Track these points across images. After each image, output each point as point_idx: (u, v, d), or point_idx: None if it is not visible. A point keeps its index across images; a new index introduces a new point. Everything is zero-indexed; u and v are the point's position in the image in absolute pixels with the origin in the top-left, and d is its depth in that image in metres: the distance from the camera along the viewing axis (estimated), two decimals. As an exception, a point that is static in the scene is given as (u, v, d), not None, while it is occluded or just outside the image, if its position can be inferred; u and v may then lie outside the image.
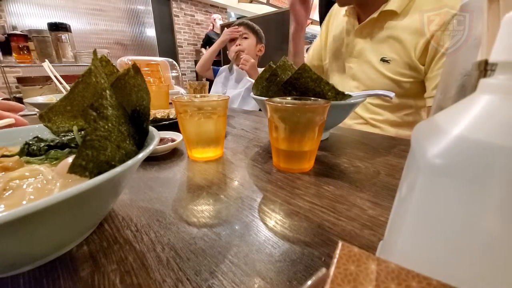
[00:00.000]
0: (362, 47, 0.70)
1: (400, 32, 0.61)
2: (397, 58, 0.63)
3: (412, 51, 0.60)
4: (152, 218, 0.25)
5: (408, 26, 0.61)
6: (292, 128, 0.33)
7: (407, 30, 0.60)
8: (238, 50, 1.21)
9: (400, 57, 0.62)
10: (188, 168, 0.37)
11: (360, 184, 0.31)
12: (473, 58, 0.17)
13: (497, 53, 0.10)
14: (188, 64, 4.70)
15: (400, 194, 0.14)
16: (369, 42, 0.68)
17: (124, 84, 0.24)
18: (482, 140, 0.09)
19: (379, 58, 0.66)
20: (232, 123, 0.66)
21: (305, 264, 0.19)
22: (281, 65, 0.46)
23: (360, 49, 0.70)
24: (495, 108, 0.10)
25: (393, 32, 0.63)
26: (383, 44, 0.65)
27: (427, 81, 0.62)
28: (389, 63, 0.64)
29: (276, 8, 3.69)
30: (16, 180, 0.20)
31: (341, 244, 0.09)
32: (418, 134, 0.12)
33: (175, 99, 0.38)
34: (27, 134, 0.29)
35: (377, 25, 0.66)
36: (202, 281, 0.18)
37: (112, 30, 3.48)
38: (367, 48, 0.68)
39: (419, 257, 0.11)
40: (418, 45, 0.59)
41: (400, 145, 0.46)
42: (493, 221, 0.09)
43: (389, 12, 0.62)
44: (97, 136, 0.18)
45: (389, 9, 0.62)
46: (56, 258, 0.20)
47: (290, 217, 0.25)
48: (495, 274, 0.09)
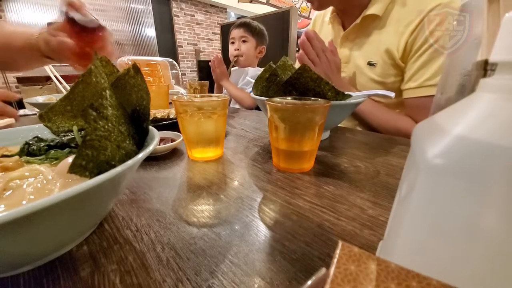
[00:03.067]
0: (349, 53, 0.71)
1: (383, 35, 0.63)
2: (381, 61, 0.64)
3: (395, 51, 0.62)
4: (152, 218, 0.25)
5: (390, 28, 0.62)
6: (292, 128, 0.33)
7: (389, 32, 0.62)
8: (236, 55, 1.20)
9: (383, 60, 0.64)
10: (188, 168, 0.37)
11: (360, 184, 0.31)
12: (473, 58, 0.17)
13: (497, 53, 0.10)
14: (188, 64, 4.70)
15: (400, 194, 0.14)
16: (356, 47, 0.70)
17: (124, 84, 0.24)
18: (482, 140, 0.09)
19: (366, 62, 0.67)
20: (232, 123, 0.66)
21: (305, 264, 0.19)
22: (281, 65, 0.46)
23: (348, 55, 0.72)
24: (495, 108, 0.10)
25: (377, 35, 0.65)
26: (369, 48, 0.67)
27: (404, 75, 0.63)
28: (375, 66, 0.66)
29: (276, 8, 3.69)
30: (16, 180, 0.20)
31: (341, 244, 0.09)
32: (418, 134, 0.12)
33: (175, 99, 0.38)
34: (27, 134, 0.29)
35: (361, 30, 0.68)
36: (202, 281, 0.18)
37: (112, 30, 3.46)
38: (354, 53, 0.70)
39: (419, 257, 0.11)
40: (400, 45, 0.61)
41: (400, 145, 0.46)
42: (493, 221, 0.09)
43: (371, 16, 0.64)
44: (97, 136, 0.18)
45: (370, 13, 0.63)
46: (56, 258, 0.20)
47: (290, 217, 0.25)
48: (495, 274, 0.09)
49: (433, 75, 0.59)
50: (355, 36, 0.70)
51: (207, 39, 4.87)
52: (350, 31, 0.69)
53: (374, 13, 0.63)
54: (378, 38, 0.65)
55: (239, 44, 1.20)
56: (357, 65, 0.70)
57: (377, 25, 0.64)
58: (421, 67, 0.59)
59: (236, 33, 1.20)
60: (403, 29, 0.60)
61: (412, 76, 0.61)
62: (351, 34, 0.70)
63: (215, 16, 4.82)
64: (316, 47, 0.62)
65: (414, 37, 0.59)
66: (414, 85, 0.61)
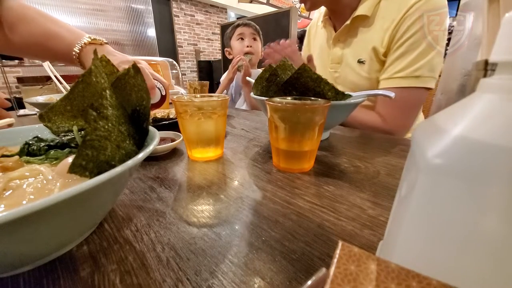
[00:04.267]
0: (342, 53, 0.74)
1: (370, 32, 0.66)
2: (369, 58, 0.67)
3: (380, 47, 0.64)
4: (152, 218, 0.25)
5: (376, 26, 0.65)
6: (292, 128, 0.33)
7: (376, 29, 0.65)
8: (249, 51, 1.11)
9: (371, 57, 0.66)
10: (188, 168, 0.37)
11: (360, 184, 0.31)
12: (473, 58, 0.17)
13: (497, 53, 0.10)
14: (188, 64, 4.70)
15: (400, 194, 0.14)
16: (347, 47, 0.73)
17: (124, 84, 0.24)
18: (482, 140, 0.09)
19: (357, 60, 0.70)
20: (232, 123, 0.66)
21: (305, 264, 0.19)
22: (281, 65, 0.46)
23: (340, 55, 0.74)
24: (495, 108, 0.10)
25: (365, 34, 0.68)
26: (358, 47, 0.70)
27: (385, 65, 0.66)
28: (364, 63, 0.68)
29: (276, 8, 3.69)
30: (16, 180, 0.20)
31: (341, 244, 0.09)
32: (418, 134, 0.12)
33: (175, 99, 0.38)
34: (27, 134, 0.29)
35: (352, 30, 0.70)
36: (202, 281, 0.18)
37: (112, 29, 3.48)
38: (346, 53, 0.73)
39: (419, 257, 0.11)
40: (384, 41, 0.63)
41: (400, 145, 0.46)
42: (493, 221, 0.09)
43: (360, 17, 0.66)
44: (97, 136, 0.18)
45: (360, 14, 0.66)
46: (56, 258, 0.20)
47: (290, 217, 0.25)
48: (495, 274, 0.09)
49: (404, 67, 0.61)
50: (346, 36, 0.72)
51: (207, 39, 4.87)
52: (341, 32, 0.72)
53: (364, 14, 0.65)
54: (366, 36, 0.67)
55: (250, 41, 1.14)
56: (349, 64, 0.72)
57: (366, 24, 0.67)
58: (395, 59, 0.62)
59: (246, 29, 1.15)
60: (388, 25, 0.62)
61: (386, 68, 0.64)
62: (342, 35, 0.73)
63: (215, 16, 4.82)
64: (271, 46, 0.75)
65: (395, 31, 0.61)
66: (384, 77, 0.64)
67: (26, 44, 0.48)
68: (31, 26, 0.47)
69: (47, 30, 0.48)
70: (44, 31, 0.48)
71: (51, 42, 0.48)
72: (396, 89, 0.61)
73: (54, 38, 0.48)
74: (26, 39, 0.48)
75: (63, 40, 0.48)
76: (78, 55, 0.47)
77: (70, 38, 0.48)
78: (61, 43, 0.48)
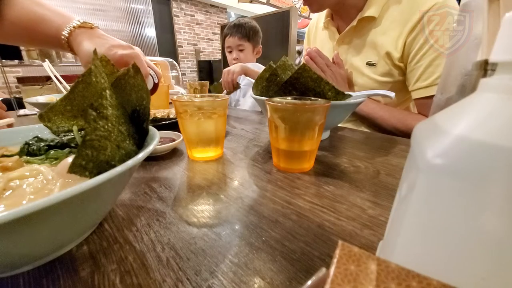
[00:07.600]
0: (346, 55, 0.72)
1: (380, 36, 0.64)
2: (382, 61, 0.65)
3: (394, 52, 0.62)
4: (152, 218, 0.25)
5: (386, 29, 0.63)
6: (292, 128, 0.33)
7: (386, 32, 0.63)
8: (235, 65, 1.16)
9: (384, 59, 0.65)
10: (188, 168, 0.37)
11: (360, 184, 0.31)
12: (473, 58, 0.17)
13: (497, 53, 0.10)
14: (188, 64, 4.70)
15: (400, 194, 0.14)
16: (352, 49, 0.71)
17: (124, 84, 0.24)
18: (482, 140, 0.09)
19: (365, 62, 0.68)
20: (232, 123, 0.66)
21: (305, 264, 0.19)
22: (281, 65, 0.46)
23: (344, 57, 0.72)
24: (495, 108, 0.10)
25: (373, 37, 0.65)
26: (366, 49, 0.67)
27: (408, 75, 0.64)
28: (375, 66, 0.66)
29: (276, 8, 3.69)
30: (16, 180, 0.20)
31: (341, 244, 0.09)
32: (418, 134, 0.12)
33: (175, 99, 0.38)
34: (27, 134, 0.29)
35: (357, 32, 0.68)
36: (202, 281, 0.18)
37: (112, 29, 3.47)
38: (351, 55, 0.71)
39: (419, 257, 0.11)
40: (398, 46, 0.61)
41: (400, 145, 0.46)
42: (493, 221, 0.09)
43: (367, 18, 0.64)
44: (97, 136, 0.18)
45: (367, 15, 0.64)
46: (56, 258, 0.20)
47: (290, 217, 0.25)
48: (495, 274, 0.09)
49: None
50: (351, 38, 0.70)
51: (207, 39, 4.87)
52: (346, 33, 0.70)
53: (371, 15, 0.63)
54: (375, 39, 0.65)
55: (237, 53, 1.18)
56: (354, 66, 0.70)
57: (373, 25, 0.65)
58: (428, 66, 0.59)
59: (231, 41, 1.17)
60: (400, 29, 0.60)
61: (420, 75, 0.61)
62: (347, 37, 0.71)
63: (215, 16, 4.82)
64: (320, 64, 0.66)
65: (413, 37, 0.59)
66: (424, 84, 0.61)
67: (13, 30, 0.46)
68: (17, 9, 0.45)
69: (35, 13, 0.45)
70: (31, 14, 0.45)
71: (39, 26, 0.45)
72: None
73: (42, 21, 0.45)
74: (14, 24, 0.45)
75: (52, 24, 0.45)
76: (67, 39, 0.45)
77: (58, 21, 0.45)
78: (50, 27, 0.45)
